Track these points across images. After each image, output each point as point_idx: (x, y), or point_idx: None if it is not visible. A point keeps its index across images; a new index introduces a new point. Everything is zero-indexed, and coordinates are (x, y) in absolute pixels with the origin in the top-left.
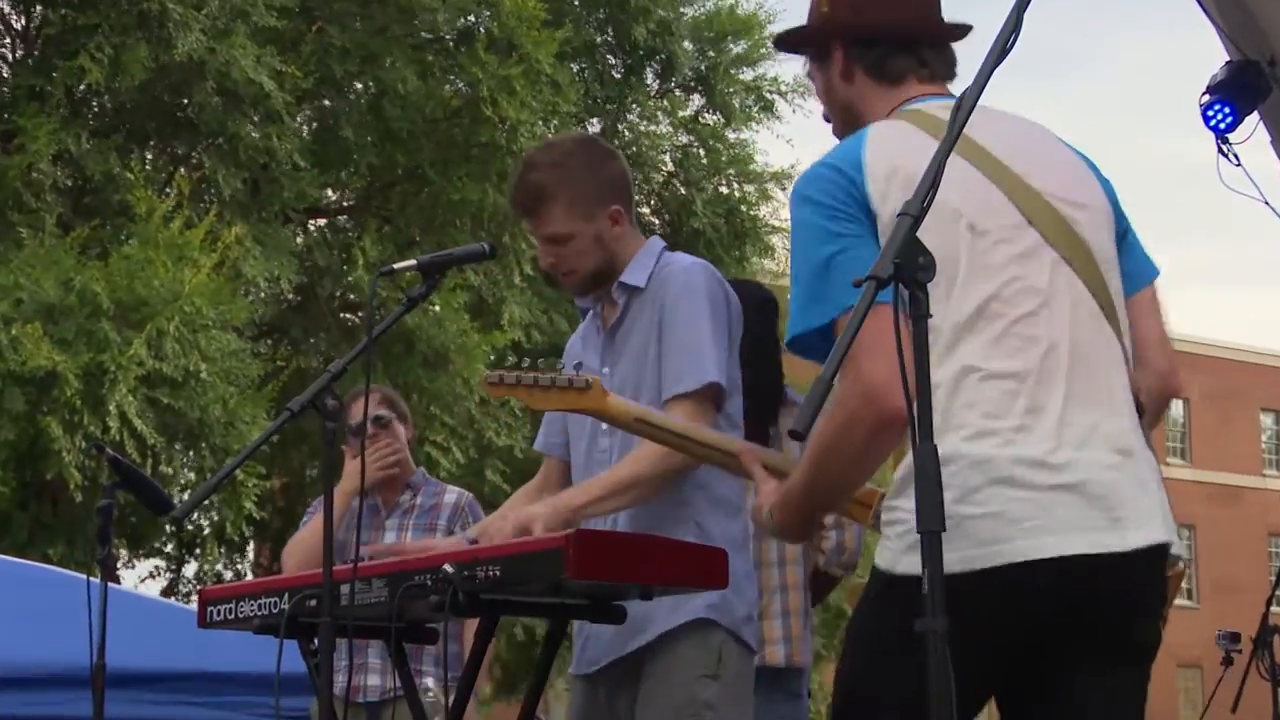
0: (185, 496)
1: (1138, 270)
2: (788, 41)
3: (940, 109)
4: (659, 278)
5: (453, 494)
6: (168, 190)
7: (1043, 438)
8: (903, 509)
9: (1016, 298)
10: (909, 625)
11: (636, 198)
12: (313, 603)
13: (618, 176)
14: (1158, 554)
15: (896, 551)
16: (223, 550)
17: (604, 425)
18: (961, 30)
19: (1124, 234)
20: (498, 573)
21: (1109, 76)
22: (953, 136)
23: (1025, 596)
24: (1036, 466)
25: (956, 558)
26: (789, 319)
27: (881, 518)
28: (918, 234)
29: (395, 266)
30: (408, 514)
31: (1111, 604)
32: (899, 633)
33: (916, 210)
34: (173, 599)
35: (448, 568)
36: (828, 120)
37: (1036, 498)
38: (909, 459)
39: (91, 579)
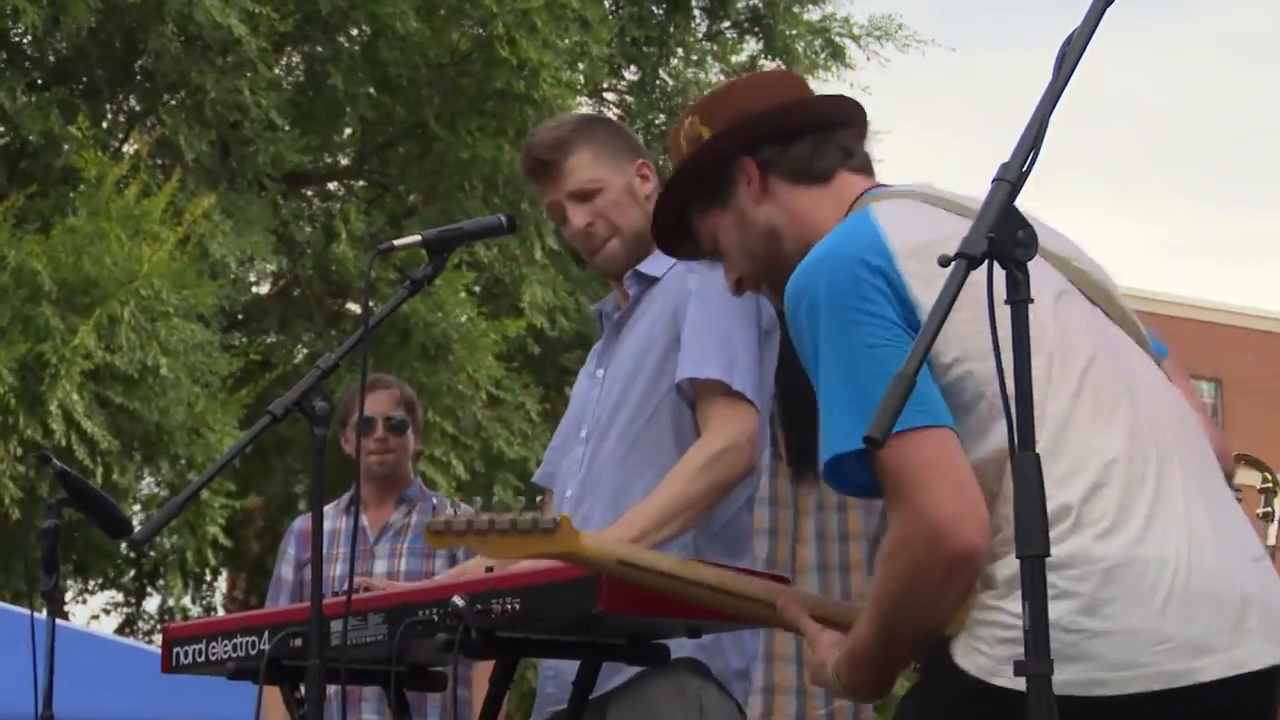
0: (146, 516)
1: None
2: (670, 220)
3: (924, 193)
4: (679, 270)
5: (456, 510)
6: (122, 152)
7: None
8: (1008, 612)
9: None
10: None
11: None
12: (298, 642)
13: (633, 138)
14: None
15: (995, 660)
16: (190, 582)
17: (582, 431)
18: (859, 111)
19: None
20: (517, 606)
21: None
22: (1058, 88)
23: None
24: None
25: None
26: (823, 437)
27: (973, 614)
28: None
29: (395, 243)
30: (400, 536)
31: None
32: None
33: (1015, 175)
34: (131, 638)
35: (458, 600)
36: (739, 285)
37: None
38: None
39: (35, 614)
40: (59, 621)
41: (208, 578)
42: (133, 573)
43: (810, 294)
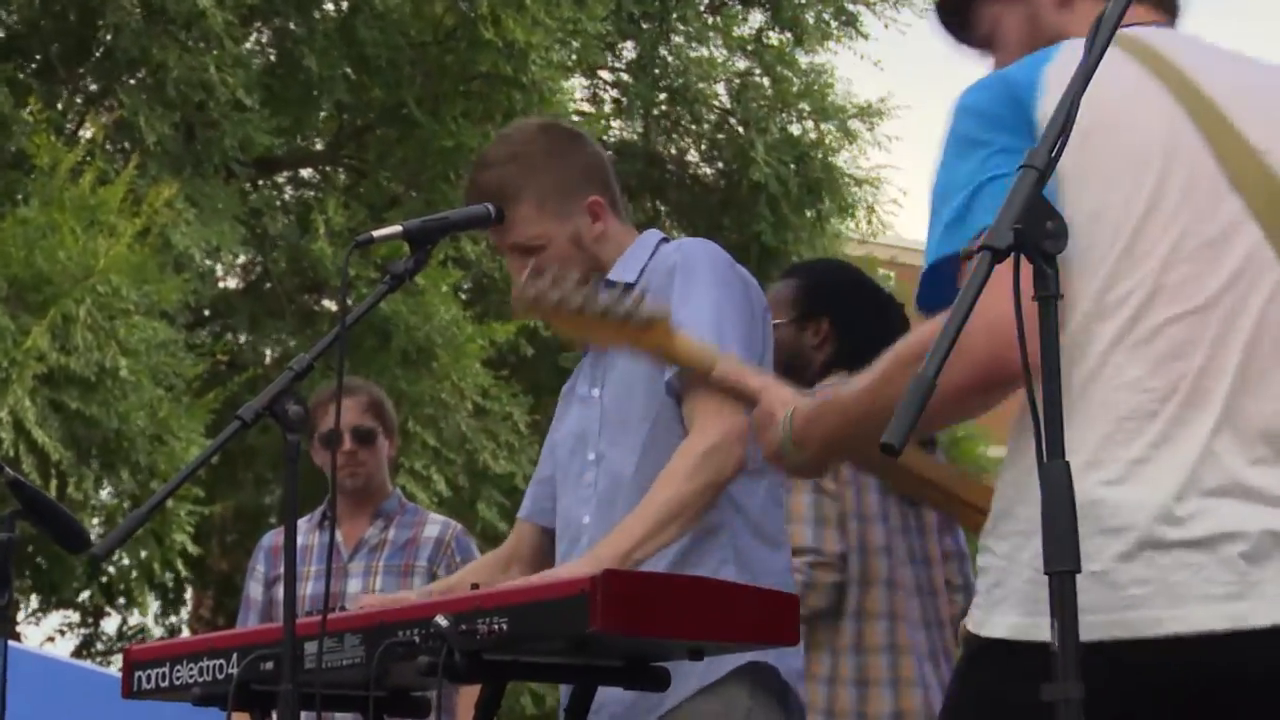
0: (104, 529)
1: None
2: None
3: (1153, 36)
4: (652, 268)
5: (435, 525)
6: (78, 136)
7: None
8: (994, 551)
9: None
10: (995, 702)
11: (684, 141)
12: (269, 665)
13: (592, 161)
14: None
15: (984, 608)
16: (159, 595)
17: (590, 454)
18: None
19: None
20: (504, 626)
21: None
22: (1089, 69)
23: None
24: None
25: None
26: (927, 244)
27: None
28: (1091, 180)
29: (375, 235)
30: (376, 553)
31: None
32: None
33: (1043, 162)
34: (89, 661)
35: (440, 620)
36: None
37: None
38: (1007, 478)
39: None
40: (11, 643)
41: (172, 593)
42: (91, 591)
43: (957, 102)
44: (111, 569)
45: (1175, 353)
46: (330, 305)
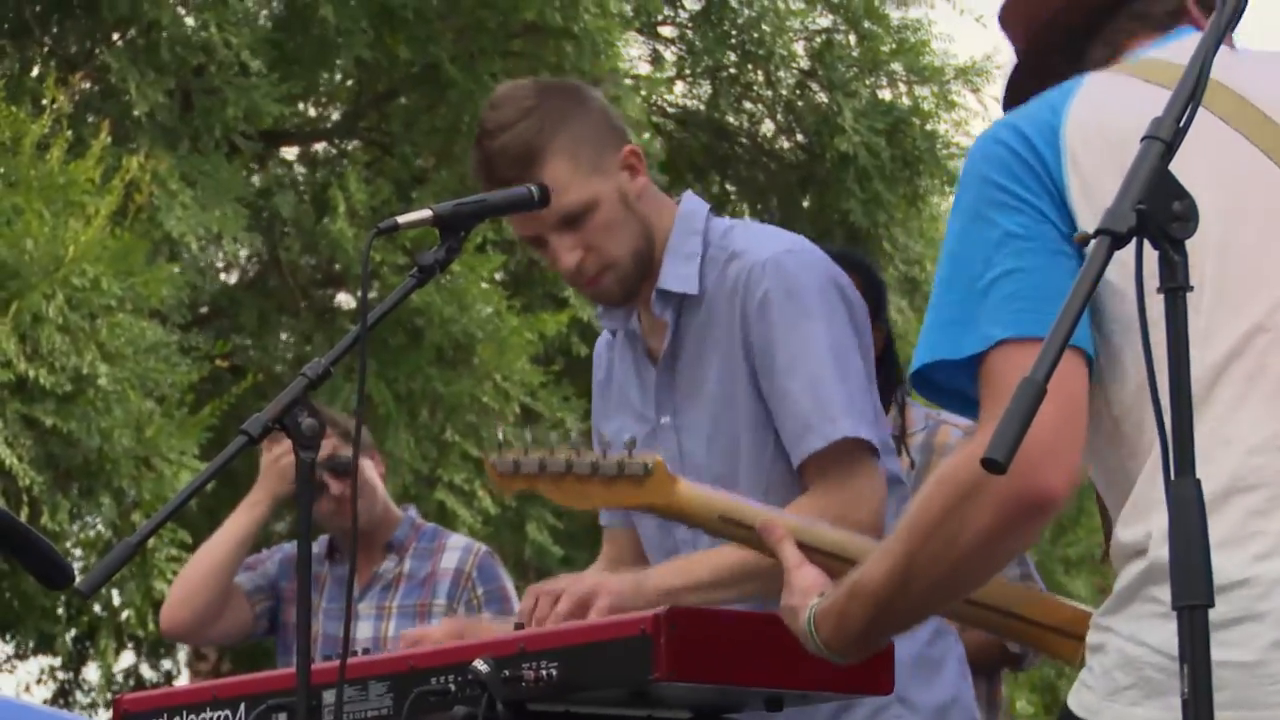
0: (86, 563)
1: None
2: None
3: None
4: (729, 278)
5: (455, 551)
6: (52, 106)
7: None
8: (1117, 632)
9: None
10: None
11: (757, 108)
12: (282, 717)
13: (606, 108)
14: None
15: (1098, 693)
16: (137, 646)
17: None
18: None
19: None
20: (554, 672)
21: None
22: (1219, 30)
23: None
24: None
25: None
26: (919, 341)
27: (1087, 638)
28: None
29: (400, 220)
30: (390, 591)
31: None
32: None
33: (1169, 133)
34: (71, 710)
35: (480, 665)
36: None
37: None
38: (1133, 569)
39: None
40: None
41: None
42: (74, 632)
43: (967, 158)
44: (96, 606)
45: None
46: (349, 300)
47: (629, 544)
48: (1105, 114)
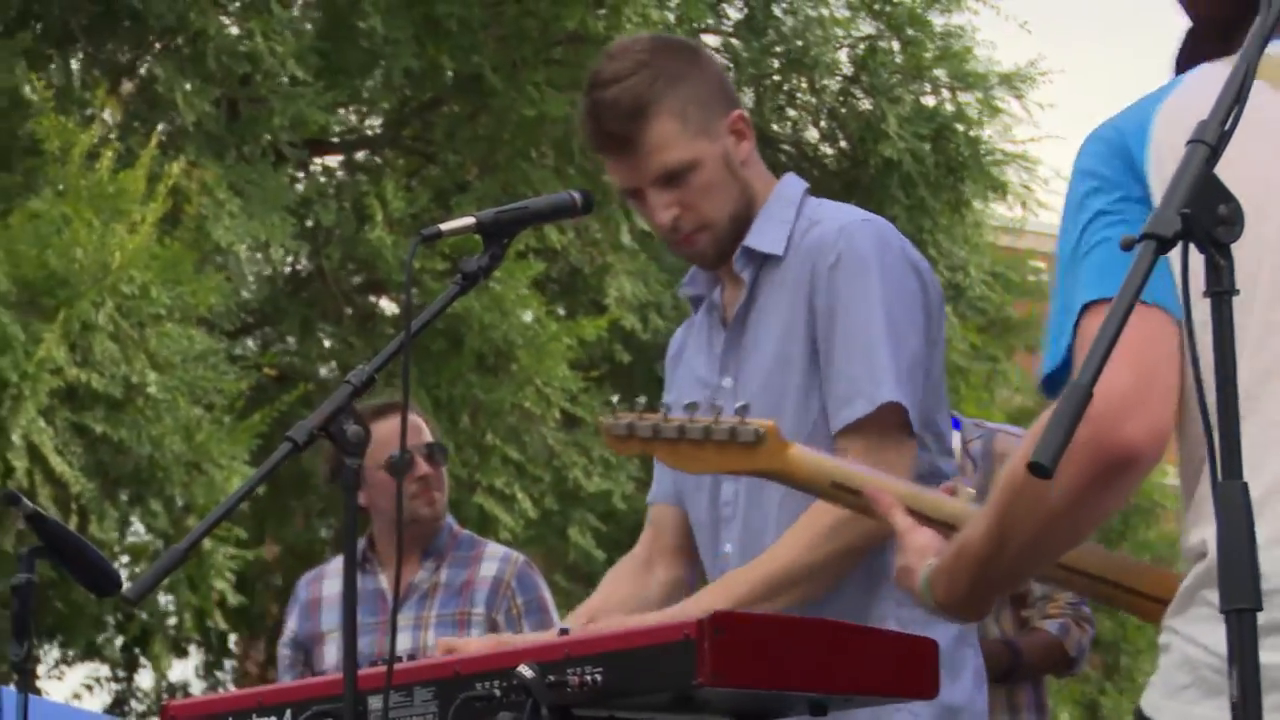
0: (134, 570)
1: None
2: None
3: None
4: (806, 242)
5: (494, 561)
6: (101, 116)
7: None
8: (1179, 632)
9: None
10: None
11: (801, 115)
12: None
13: (721, 73)
14: None
15: (1162, 692)
16: (199, 651)
17: None
18: None
19: None
20: (599, 677)
21: None
22: (1267, 26)
23: None
24: None
25: None
26: (1044, 345)
27: (1158, 642)
28: None
29: (442, 228)
30: (428, 601)
31: None
32: None
33: (1214, 137)
34: (125, 719)
35: (524, 670)
36: None
37: None
38: (1194, 572)
39: (3, 688)
40: (33, 697)
41: (215, 644)
42: (123, 640)
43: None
44: (144, 614)
45: None
46: (390, 306)
47: (671, 523)
48: (1197, 100)
